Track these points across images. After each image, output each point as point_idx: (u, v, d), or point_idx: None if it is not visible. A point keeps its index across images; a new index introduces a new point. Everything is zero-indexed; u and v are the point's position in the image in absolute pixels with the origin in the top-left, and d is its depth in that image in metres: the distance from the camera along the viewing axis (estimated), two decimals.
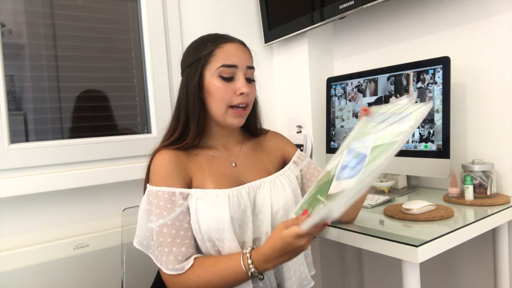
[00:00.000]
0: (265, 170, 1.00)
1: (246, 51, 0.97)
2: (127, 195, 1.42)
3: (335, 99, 1.54)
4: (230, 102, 0.92)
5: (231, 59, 0.92)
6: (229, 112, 0.92)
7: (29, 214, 1.28)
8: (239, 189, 0.91)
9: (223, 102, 0.91)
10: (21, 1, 1.33)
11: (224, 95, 0.91)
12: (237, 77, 0.92)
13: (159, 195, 0.87)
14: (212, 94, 0.92)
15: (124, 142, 1.43)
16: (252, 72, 0.97)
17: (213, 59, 0.92)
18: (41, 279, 1.21)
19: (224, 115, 0.93)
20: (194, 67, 0.93)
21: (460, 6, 1.28)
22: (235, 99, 0.92)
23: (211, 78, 0.92)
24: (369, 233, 0.93)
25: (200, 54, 0.93)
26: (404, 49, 1.47)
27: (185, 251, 0.85)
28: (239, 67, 0.93)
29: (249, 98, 0.95)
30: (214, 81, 0.91)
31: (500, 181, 1.21)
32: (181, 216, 0.87)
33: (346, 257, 1.79)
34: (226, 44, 0.93)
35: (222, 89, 0.91)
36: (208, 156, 0.96)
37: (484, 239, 1.26)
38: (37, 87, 1.36)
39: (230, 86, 0.92)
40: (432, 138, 1.21)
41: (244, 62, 0.94)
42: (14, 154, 1.24)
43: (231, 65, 0.92)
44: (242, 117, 0.95)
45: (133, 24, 1.54)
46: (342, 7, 1.39)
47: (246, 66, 0.94)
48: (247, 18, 1.77)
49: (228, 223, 0.85)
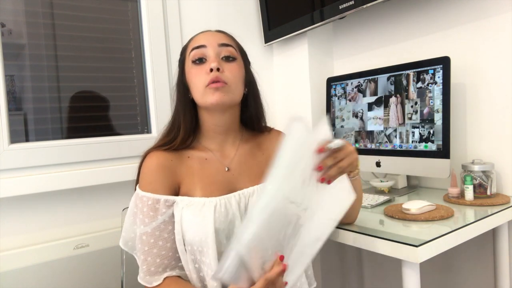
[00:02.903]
0: (261, 175, 0.91)
1: (218, 33, 0.93)
2: (127, 195, 1.41)
3: (335, 99, 1.54)
4: (204, 82, 0.86)
5: (199, 41, 0.90)
6: (207, 90, 0.86)
7: (29, 214, 1.28)
8: (228, 198, 0.87)
9: (199, 85, 0.87)
10: (21, 1, 1.33)
11: (198, 78, 0.87)
12: (208, 58, 0.88)
13: (144, 200, 0.86)
14: (190, 83, 0.90)
15: (124, 142, 1.43)
16: (229, 49, 0.90)
17: (187, 51, 0.92)
18: (41, 279, 1.21)
19: (203, 96, 0.87)
20: (179, 67, 0.96)
21: (460, 6, 1.28)
22: (207, 77, 0.86)
23: (187, 69, 0.91)
24: (369, 233, 0.93)
25: (181, 53, 0.96)
26: (404, 49, 1.47)
27: (159, 263, 0.84)
28: (208, 46, 0.89)
29: (224, 74, 0.87)
30: (189, 69, 0.90)
31: (500, 181, 1.21)
32: (162, 226, 0.85)
33: (346, 257, 1.79)
34: (198, 34, 0.93)
35: (194, 73, 0.88)
36: (201, 159, 0.92)
37: (484, 239, 1.26)
38: (37, 87, 1.36)
39: (202, 68, 0.88)
40: (432, 138, 1.21)
41: (215, 40, 0.90)
42: (14, 154, 1.24)
43: (198, 46, 0.89)
44: (220, 90, 0.86)
45: (133, 24, 1.54)
46: (342, 7, 1.39)
47: (217, 44, 0.89)
48: (247, 18, 1.77)
49: (212, 235, 0.82)
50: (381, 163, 1.35)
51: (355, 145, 1.45)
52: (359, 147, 1.44)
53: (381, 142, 1.36)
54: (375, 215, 1.09)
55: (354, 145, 1.45)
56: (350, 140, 1.47)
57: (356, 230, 0.96)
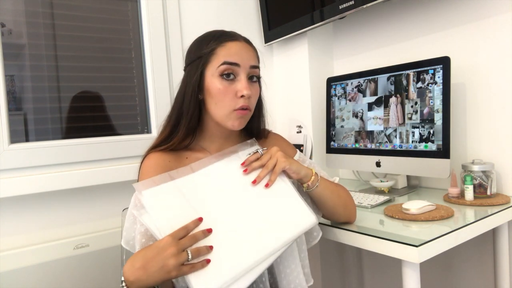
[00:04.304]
0: None
1: (251, 49, 0.91)
2: (127, 195, 1.40)
3: (335, 99, 1.54)
4: (234, 105, 0.87)
5: (233, 57, 0.87)
6: (233, 115, 0.87)
7: (29, 214, 1.28)
8: None
9: (226, 105, 0.87)
10: (21, 1, 1.33)
11: (225, 98, 0.86)
12: (238, 78, 0.87)
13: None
14: (212, 95, 0.88)
15: (124, 142, 1.43)
16: (257, 71, 0.91)
17: (214, 58, 0.87)
18: (41, 279, 1.21)
19: (226, 117, 0.88)
20: (195, 65, 0.90)
21: (460, 6, 1.28)
22: (237, 102, 0.87)
23: (211, 77, 0.88)
24: (369, 233, 0.93)
25: (201, 52, 0.89)
26: (404, 49, 1.47)
27: None
28: (242, 66, 0.87)
29: (251, 101, 0.89)
30: (215, 81, 0.87)
31: (500, 181, 1.21)
32: None
33: (346, 257, 1.79)
34: (229, 43, 0.88)
35: (222, 91, 0.86)
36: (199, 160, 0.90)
37: (484, 239, 1.26)
38: (37, 87, 1.36)
39: (231, 87, 0.87)
40: (432, 138, 1.21)
41: (248, 61, 0.88)
42: (14, 154, 1.24)
43: (233, 62, 0.86)
44: (244, 118, 0.89)
45: (133, 24, 1.54)
46: (342, 7, 1.39)
47: (249, 66, 0.88)
48: (247, 18, 1.77)
49: None
50: (381, 163, 1.36)
51: (355, 145, 1.45)
52: (359, 147, 1.44)
53: (381, 142, 1.36)
54: (375, 215, 1.10)
55: (354, 145, 1.46)
56: (350, 140, 1.47)
57: (356, 230, 0.96)
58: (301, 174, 0.87)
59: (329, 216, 0.98)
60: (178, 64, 1.55)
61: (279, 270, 0.88)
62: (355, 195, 1.29)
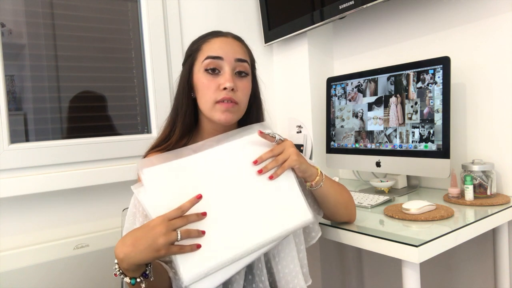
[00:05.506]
0: None
1: (237, 43, 0.91)
2: (127, 195, 1.40)
3: (335, 99, 1.54)
4: (215, 98, 0.87)
5: (217, 51, 0.88)
6: (216, 107, 0.87)
7: (29, 214, 1.28)
8: None
9: (209, 98, 0.87)
10: (21, 1, 1.33)
11: (208, 91, 0.87)
12: (223, 71, 0.87)
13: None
14: (198, 90, 0.89)
15: (124, 142, 1.43)
16: (244, 65, 0.90)
17: (199, 54, 0.89)
18: (41, 279, 1.21)
19: (211, 111, 0.88)
20: (186, 64, 0.93)
21: (460, 6, 1.28)
22: (219, 94, 0.86)
23: (198, 73, 0.89)
24: (369, 233, 0.93)
25: (191, 51, 0.92)
26: (404, 49, 1.47)
27: None
28: (225, 59, 0.87)
29: (237, 94, 0.88)
30: (200, 76, 0.89)
31: (500, 181, 1.21)
32: None
33: (346, 257, 1.79)
34: (213, 39, 0.90)
35: (206, 85, 0.87)
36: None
37: (484, 239, 1.26)
38: (37, 87, 1.36)
39: (214, 80, 0.87)
40: (432, 138, 1.21)
41: (232, 54, 0.88)
42: (14, 154, 1.24)
43: (215, 56, 0.87)
44: (230, 111, 0.88)
45: (133, 24, 1.54)
46: (342, 7, 1.39)
47: (234, 59, 0.88)
48: (247, 18, 1.77)
49: None
50: (381, 163, 1.36)
51: (355, 145, 1.45)
52: (359, 147, 1.44)
53: (381, 142, 1.36)
54: (375, 215, 1.10)
55: (354, 145, 1.46)
56: (350, 140, 1.47)
57: (356, 230, 0.96)
58: (307, 173, 0.87)
59: (330, 215, 0.98)
60: (178, 64, 1.55)
61: (278, 270, 0.89)
62: (355, 195, 1.29)
